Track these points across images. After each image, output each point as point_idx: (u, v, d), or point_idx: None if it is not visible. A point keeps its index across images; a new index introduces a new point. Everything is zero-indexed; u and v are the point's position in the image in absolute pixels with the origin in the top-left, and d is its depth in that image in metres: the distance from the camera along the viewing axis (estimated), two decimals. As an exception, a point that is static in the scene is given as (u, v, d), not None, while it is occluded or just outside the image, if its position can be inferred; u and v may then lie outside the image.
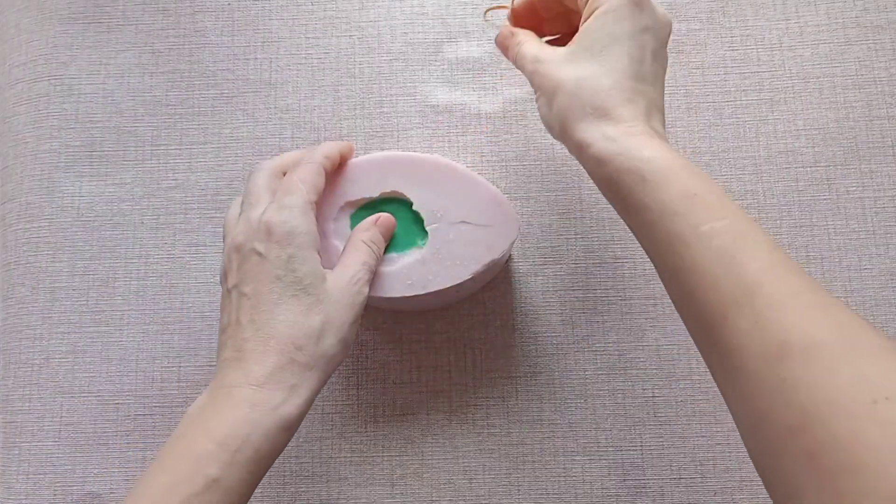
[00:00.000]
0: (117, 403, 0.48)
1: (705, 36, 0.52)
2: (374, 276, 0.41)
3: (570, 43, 0.38)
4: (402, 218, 0.44)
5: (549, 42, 0.42)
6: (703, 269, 0.31)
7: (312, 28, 0.53)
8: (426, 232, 0.43)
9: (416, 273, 0.43)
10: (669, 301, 0.48)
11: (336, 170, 0.43)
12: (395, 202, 0.44)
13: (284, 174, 0.41)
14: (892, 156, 0.49)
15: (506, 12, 0.43)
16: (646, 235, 0.35)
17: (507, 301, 0.49)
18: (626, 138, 0.34)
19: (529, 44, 0.40)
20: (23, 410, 0.49)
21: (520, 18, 0.43)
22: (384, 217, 0.43)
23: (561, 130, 0.37)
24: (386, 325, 0.49)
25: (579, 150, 0.36)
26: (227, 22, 0.53)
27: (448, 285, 0.43)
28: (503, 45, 0.42)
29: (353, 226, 0.44)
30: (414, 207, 0.43)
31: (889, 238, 0.49)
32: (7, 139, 0.53)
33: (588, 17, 0.38)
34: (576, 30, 0.39)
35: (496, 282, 0.49)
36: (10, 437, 0.48)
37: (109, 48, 0.53)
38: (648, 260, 0.48)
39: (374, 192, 0.44)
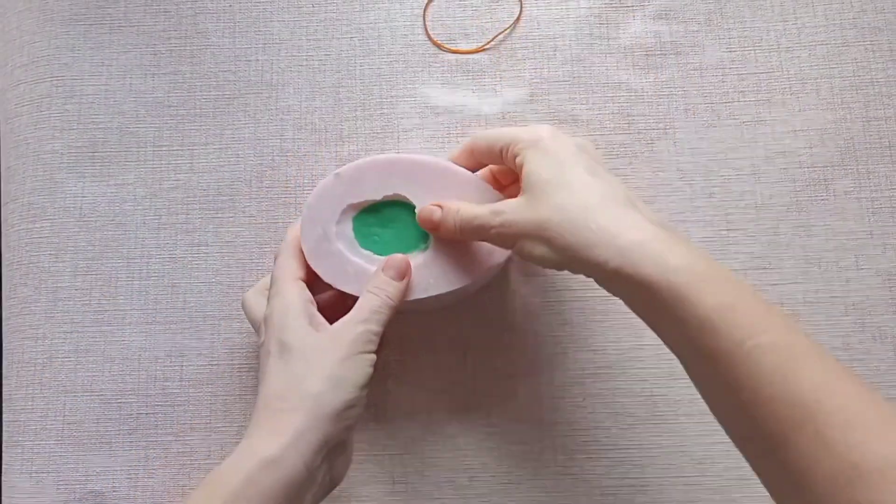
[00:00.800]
0: (120, 402, 0.49)
1: (703, 37, 0.52)
2: (383, 315, 0.40)
3: (521, 193, 0.38)
4: (404, 221, 0.44)
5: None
6: (753, 388, 0.30)
7: (313, 30, 0.53)
8: (428, 235, 0.43)
9: (417, 277, 0.43)
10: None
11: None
12: (397, 205, 0.44)
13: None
14: (890, 156, 0.50)
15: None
16: (682, 350, 0.33)
17: (507, 301, 0.49)
18: (644, 248, 0.33)
19: (469, 205, 0.40)
20: (26, 409, 0.49)
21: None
22: (390, 260, 0.42)
23: (570, 260, 0.35)
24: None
25: (598, 272, 0.35)
26: (229, 24, 0.53)
27: (449, 289, 0.43)
28: (431, 221, 0.41)
29: (355, 228, 0.44)
30: (417, 210, 0.43)
31: (886, 238, 0.49)
32: (9, 140, 0.53)
33: (521, 165, 0.38)
34: None
35: (496, 282, 0.49)
36: (13, 436, 0.49)
37: (111, 49, 0.53)
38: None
39: (377, 195, 0.43)
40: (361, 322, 0.39)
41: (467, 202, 0.40)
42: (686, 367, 0.34)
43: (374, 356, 0.39)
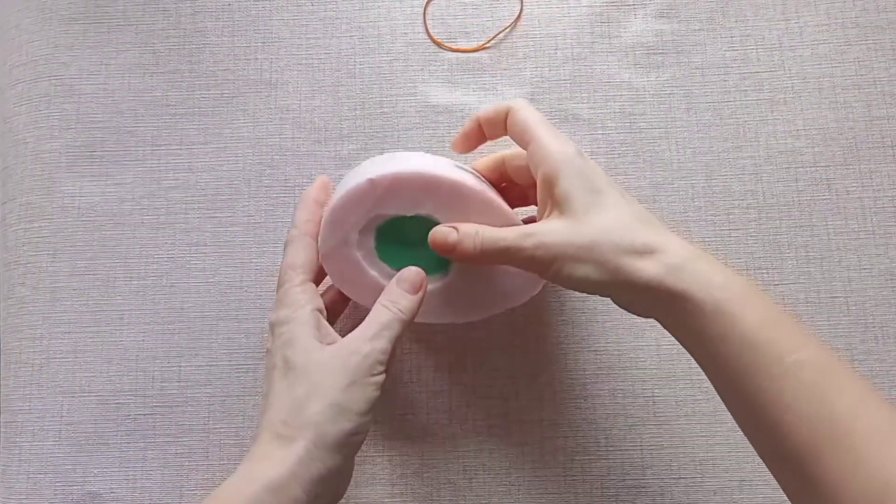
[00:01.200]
0: (118, 403, 0.48)
1: (705, 36, 0.52)
2: (394, 331, 0.39)
3: (549, 213, 0.38)
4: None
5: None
6: (789, 403, 0.31)
7: (313, 28, 0.53)
8: (450, 261, 0.42)
9: (430, 303, 0.42)
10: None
11: (379, 185, 0.40)
12: (426, 222, 0.41)
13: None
14: (892, 156, 0.49)
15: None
16: (719, 366, 0.34)
17: (507, 301, 0.49)
18: (691, 265, 0.34)
19: (490, 228, 0.38)
20: (23, 410, 0.49)
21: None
22: (404, 272, 0.41)
23: (615, 280, 0.35)
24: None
25: (642, 289, 0.35)
26: (228, 22, 0.53)
27: (459, 322, 0.42)
28: (446, 243, 0.39)
29: (378, 239, 0.42)
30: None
31: (888, 238, 0.49)
32: (8, 139, 0.53)
33: (550, 181, 0.37)
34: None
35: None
36: (10, 437, 0.48)
37: (110, 48, 0.53)
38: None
39: (408, 211, 0.41)
40: (369, 340, 0.38)
41: (491, 229, 0.38)
42: (720, 384, 0.35)
43: (381, 377, 0.38)
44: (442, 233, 0.39)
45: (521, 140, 0.40)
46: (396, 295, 0.40)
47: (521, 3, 0.52)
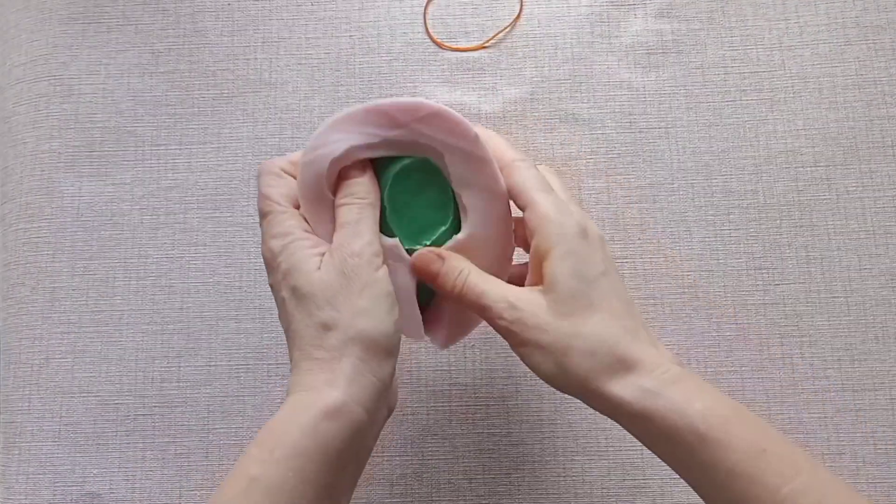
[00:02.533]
0: (117, 403, 0.48)
1: (705, 36, 0.52)
2: (369, 220, 0.36)
3: (539, 289, 0.35)
4: (430, 190, 0.38)
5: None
6: None
7: (312, 28, 0.53)
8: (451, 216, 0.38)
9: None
10: (669, 300, 0.48)
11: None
12: (440, 181, 0.38)
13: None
14: (892, 156, 0.49)
15: None
16: (712, 497, 0.33)
17: (507, 301, 0.49)
18: (668, 389, 0.33)
19: (479, 275, 0.36)
20: (23, 410, 0.49)
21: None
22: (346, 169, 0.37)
23: (582, 390, 0.34)
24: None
25: (614, 409, 0.34)
26: (227, 22, 0.53)
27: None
28: (429, 270, 0.37)
29: (384, 183, 0.38)
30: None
31: (889, 238, 0.49)
32: (7, 139, 0.53)
33: (542, 261, 0.35)
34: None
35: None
36: (10, 438, 0.48)
37: (109, 48, 0.53)
38: (648, 259, 0.49)
39: (434, 155, 0.37)
40: (353, 238, 0.36)
41: (486, 281, 0.36)
42: None
43: (384, 269, 0.36)
44: (427, 258, 0.37)
45: (518, 202, 0.37)
46: (347, 188, 0.37)
47: (521, 2, 0.52)
